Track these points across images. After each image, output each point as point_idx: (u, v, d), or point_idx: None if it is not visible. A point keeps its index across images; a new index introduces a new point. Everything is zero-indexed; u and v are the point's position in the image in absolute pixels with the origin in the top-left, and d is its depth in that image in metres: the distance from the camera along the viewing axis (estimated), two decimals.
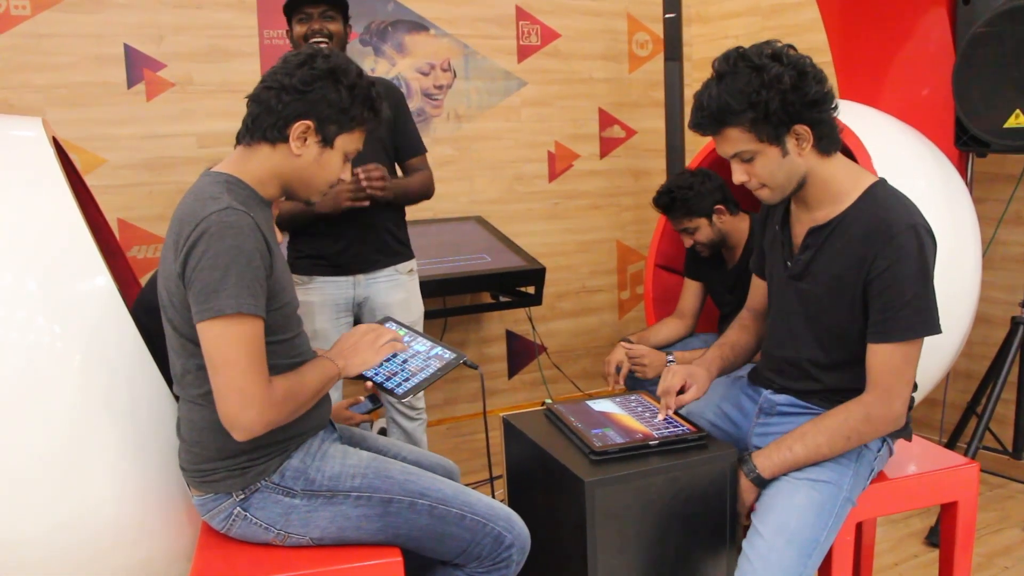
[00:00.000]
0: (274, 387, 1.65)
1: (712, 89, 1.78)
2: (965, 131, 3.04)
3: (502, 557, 1.81)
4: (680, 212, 2.88)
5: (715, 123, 1.80)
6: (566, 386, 4.52)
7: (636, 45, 4.53)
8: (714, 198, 2.85)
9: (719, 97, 1.76)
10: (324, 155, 1.78)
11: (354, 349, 1.89)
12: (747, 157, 1.82)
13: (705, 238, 2.90)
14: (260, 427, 1.63)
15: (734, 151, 1.82)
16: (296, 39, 2.64)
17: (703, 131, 1.84)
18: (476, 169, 4.20)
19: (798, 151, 1.81)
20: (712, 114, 1.78)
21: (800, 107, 1.75)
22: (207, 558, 1.75)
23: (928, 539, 2.87)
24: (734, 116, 1.76)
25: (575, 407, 2.10)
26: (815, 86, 1.76)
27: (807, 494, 1.81)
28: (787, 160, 1.81)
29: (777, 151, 1.80)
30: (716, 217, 2.87)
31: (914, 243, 1.75)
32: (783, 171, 1.82)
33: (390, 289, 2.79)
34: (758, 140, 1.78)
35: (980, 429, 3.02)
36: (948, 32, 3.15)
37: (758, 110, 1.74)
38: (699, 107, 1.81)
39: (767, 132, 1.77)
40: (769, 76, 1.72)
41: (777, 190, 1.86)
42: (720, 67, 1.79)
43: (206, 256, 1.59)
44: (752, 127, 1.77)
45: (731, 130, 1.79)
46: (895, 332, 1.78)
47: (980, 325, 3.34)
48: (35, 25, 3.31)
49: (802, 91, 1.74)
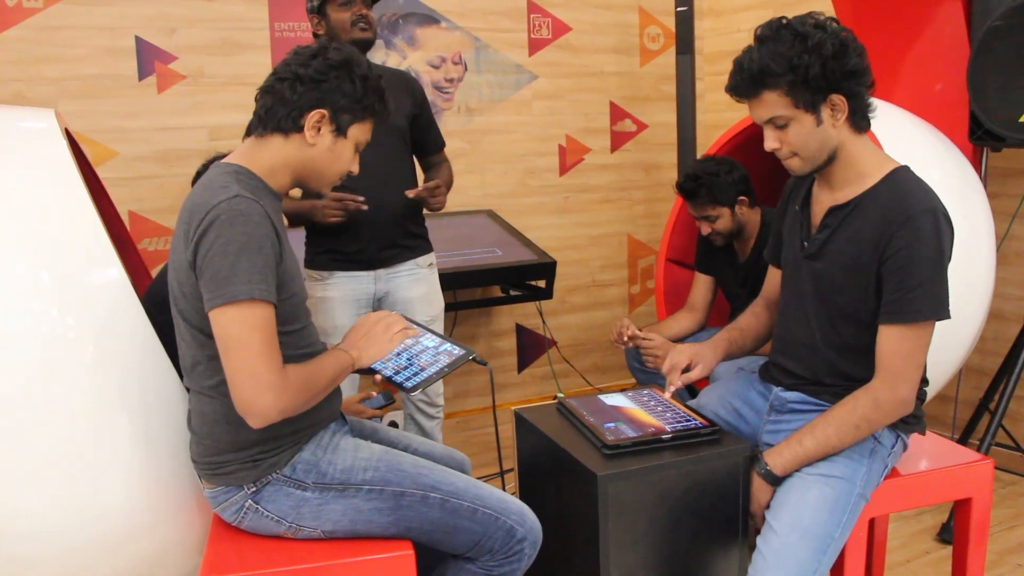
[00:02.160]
0: (288, 374, 1.64)
1: (753, 52, 1.79)
2: (980, 125, 3.01)
3: (514, 551, 1.80)
4: (704, 199, 2.85)
5: (754, 85, 1.80)
6: (576, 380, 4.51)
7: (648, 39, 4.51)
8: (739, 188, 2.83)
9: (760, 60, 1.77)
10: (338, 144, 1.79)
11: (368, 339, 1.89)
12: (781, 123, 1.82)
13: (724, 227, 2.88)
14: (275, 413, 1.63)
15: (769, 115, 1.82)
16: (335, 27, 2.59)
17: (740, 94, 1.84)
18: (487, 163, 4.20)
19: (832, 122, 1.81)
20: (752, 75, 1.79)
21: (840, 76, 1.76)
22: (219, 551, 1.75)
23: (940, 536, 2.86)
24: (773, 78, 1.76)
25: (587, 401, 2.10)
26: (855, 58, 1.77)
27: (821, 490, 1.80)
28: (821, 130, 1.81)
29: (812, 119, 1.80)
30: (738, 208, 2.85)
31: (931, 226, 1.75)
32: (816, 140, 1.82)
33: (411, 284, 2.77)
34: (794, 106, 1.78)
35: (993, 426, 3.01)
36: (963, 26, 3.13)
37: (798, 74, 1.74)
38: (739, 69, 1.81)
39: (804, 98, 1.77)
40: (812, 42, 1.73)
41: (808, 160, 1.86)
42: (763, 32, 1.80)
43: (217, 243, 1.59)
44: (790, 91, 1.77)
45: (769, 93, 1.79)
46: (906, 313, 1.78)
47: (993, 321, 3.32)
48: (47, 17, 3.31)
49: (843, 60, 1.75)
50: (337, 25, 2.59)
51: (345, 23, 2.58)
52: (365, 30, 2.58)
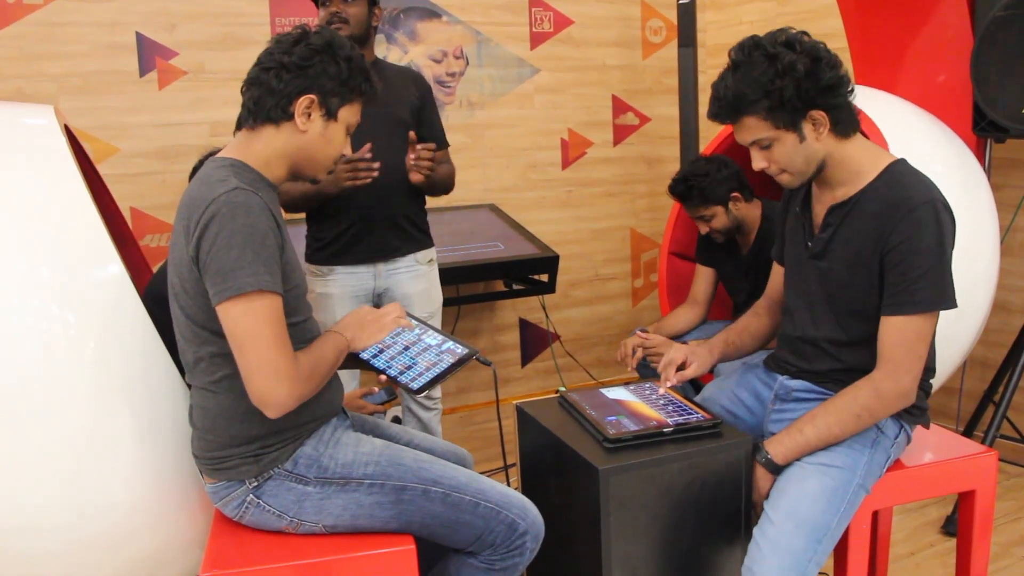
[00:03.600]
0: (300, 361, 1.65)
1: (728, 79, 1.80)
2: (983, 116, 3.00)
3: (516, 545, 1.80)
4: (696, 201, 2.86)
5: (732, 112, 1.82)
6: (580, 374, 4.51)
7: (650, 31, 4.50)
8: (730, 185, 2.84)
9: (735, 87, 1.78)
10: (329, 129, 1.79)
11: (360, 324, 1.90)
12: (765, 144, 1.83)
13: (721, 225, 2.89)
14: (293, 401, 1.63)
15: (752, 139, 1.84)
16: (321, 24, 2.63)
17: (721, 120, 1.85)
18: (489, 157, 4.19)
19: (815, 136, 1.81)
20: (729, 104, 1.80)
21: (815, 93, 1.76)
22: (220, 545, 1.75)
23: (945, 528, 2.85)
24: (750, 105, 1.78)
25: (589, 395, 2.09)
26: (829, 72, 1.77)
27: (819, 480, 1.80)
28: (805, 145, 1.82)
29: (794, 137, 1.80)
30: (732, 204, 2.85)
31: (932, 217, 1.75)
32: (801, 156, 1.83)
33: (411, 280, 2.78)
34: (775, 127, 1.80)
35: (997, 417, 3.00)
36: (966, 16, 3.11)
37: (773, 98, 1.76)
38: (716, 97, 1.83)
39: (783, 119, 1.78)
40: (783, 64, 1.74)
41: (797, 175, 1.87)
42: (736, 56, 1.81)
43: (220, 237, 1.59)
44: (768, 115, 1.78)
45: (748, 119, 1.81)
46: (909, 304, 1.78)
47: (997, 312, 3.31)
48: (48, 14, 3.31)
49: (816, 77, 1.75)
50: (320, 23, 2.62)
51: (321, 22, 2.61)
52: (338, 28, 2.57)
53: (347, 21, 2.60)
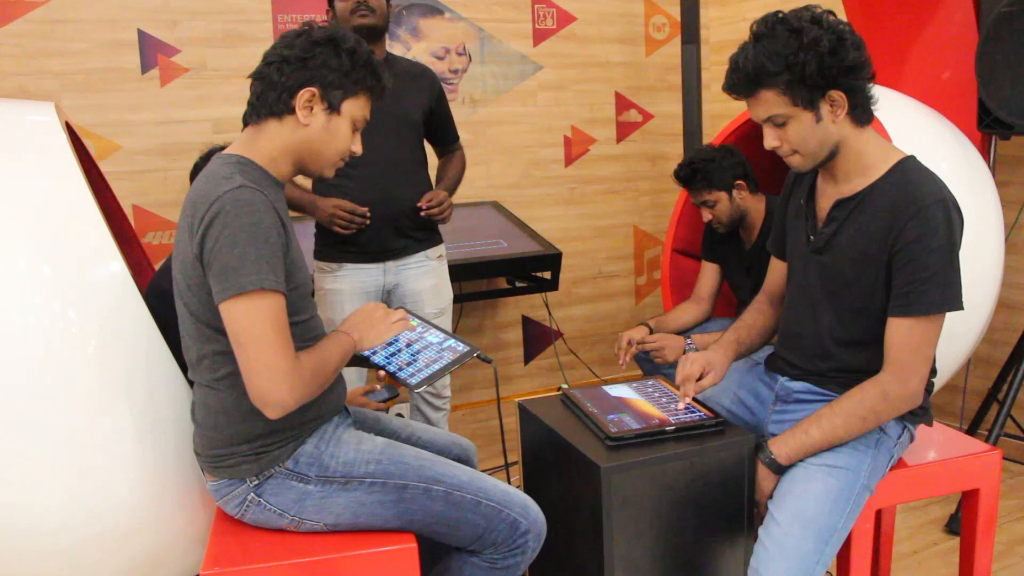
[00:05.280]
0: (301, 362, 1.64)
1: (748, 51, 1.75)
2: (988, 113, 2.99)
3: (517, 543, 1.79)
4: (700, 184, 2.86)
5: (750, 84, 1.77)
6: (582, 372, 4.50)
7: (653, 28, 4.49)
8: (735, 172, 2.83)
9: (755, 58, 1.73)
10: (332, 122, 1.77)
11: (368, 323, 1.89)
12: (780, 121, 1.79)
13: (723, 213, 2.87)
14: (292, 402, 1.62)
15: (767, 114, 1.79)
16: (340, 18, 2.62)
17: (737, 93, 1.81)
18: (492, 154, 4.18)
19: (832, 118, 1.78)
20: (747, 75, 1.75)
21: (837, 72, 1.72)
22: (221, 543, 1.75)
23: (948, 527, 2.84)
24: (770, 78, 1.73)
25: (591, 392, 2.08)
26: (853, 52, 1.73)
27: (824, 481, 1.79)
28: (820, 126, 1.78)
29: (811, 116, 1.77)
30: (736, 192, 2.84)
31: (942, 217, 1.73)
32: (816, 137, 1.79)
33: (420, 276, 2.78)
34: (792, 104, 1.75)
35: (1001, 416, 2.99)
36: (971, 13, 3.10)
37: (794, 72, 1.71)
38: (735, 68, 1.78)
39: (802, 96, 1.74)
40: (808, 39, 1.70)
41: (809, 157, 1.83)
42: (758, 29, 1.76)
43: (224, 235, 1.58)
44: (787, 90, 1.74)
45: (766, 92, 1.76)
46: (917, 306, 1.76)
47: (1002, 310, 3.30)
48: (50, 11, 3.31)
49: (840, 56, 1.71)
50: (341, 16, 2.62)
51: (345, 12, 2.60)
52: (365, 16, 2.58)
53: (373, 10, 2.60)
